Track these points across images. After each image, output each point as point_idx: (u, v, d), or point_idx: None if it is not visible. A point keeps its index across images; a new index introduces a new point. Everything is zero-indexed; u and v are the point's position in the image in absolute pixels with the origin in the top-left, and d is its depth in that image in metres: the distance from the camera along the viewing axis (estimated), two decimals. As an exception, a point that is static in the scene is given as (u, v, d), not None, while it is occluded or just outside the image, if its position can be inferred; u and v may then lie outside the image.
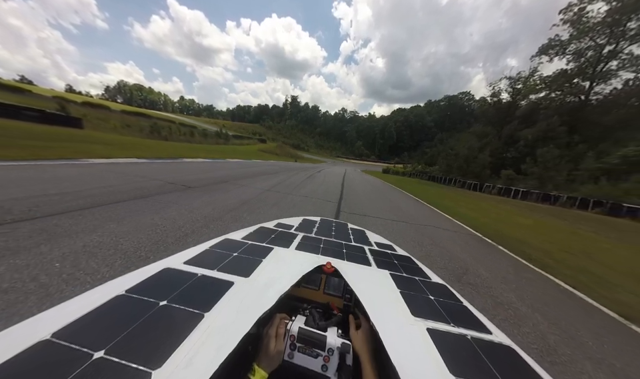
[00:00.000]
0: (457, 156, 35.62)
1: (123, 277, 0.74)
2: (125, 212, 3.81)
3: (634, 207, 14.38)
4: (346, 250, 1.34)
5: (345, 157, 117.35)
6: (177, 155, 14.35)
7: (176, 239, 3.19)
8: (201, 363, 0.49)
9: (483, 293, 3.16)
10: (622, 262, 5.61)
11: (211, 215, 4.41)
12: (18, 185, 4.38)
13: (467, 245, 5.38)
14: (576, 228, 9.99)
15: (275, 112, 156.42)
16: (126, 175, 6.73)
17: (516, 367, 0.65)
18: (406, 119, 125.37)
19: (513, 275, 4.02)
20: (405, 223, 6.57)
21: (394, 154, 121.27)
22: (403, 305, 0.85)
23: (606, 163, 21.01)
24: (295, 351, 0.68)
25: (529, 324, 2.60)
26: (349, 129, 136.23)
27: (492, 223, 8.49)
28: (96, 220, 3.31)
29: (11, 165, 5.84)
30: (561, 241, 6.98)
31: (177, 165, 10.76)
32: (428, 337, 0.69)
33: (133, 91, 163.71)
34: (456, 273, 3.67)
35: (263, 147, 51.50)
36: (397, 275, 1.11)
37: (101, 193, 4.56)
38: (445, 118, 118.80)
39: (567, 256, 5.50)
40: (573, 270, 4.55)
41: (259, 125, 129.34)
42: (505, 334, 0.78)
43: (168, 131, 28.57)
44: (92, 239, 2.77)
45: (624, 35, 28.94)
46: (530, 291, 3.49)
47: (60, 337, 0.50)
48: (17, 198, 3.65)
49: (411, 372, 0.56)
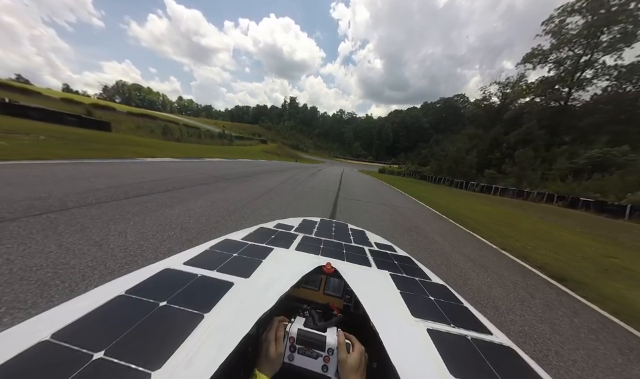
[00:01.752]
0: (446, 157, 38.14)
1: (123, 277, 0.76)
2: (200, 192, 6.15)
3: (588, 200, 16.94)
4: (346, 251, 1.37)
5: (343, 158, 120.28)
6: (199, 156, 16.70)
7: (241, 205, 5.55)
8: (201, 363, 0.49)
9: (420, 236, 5.56)
10: (534, 230, 8.06)
11: (254, 194, 6.81)
12: (125, 175, 6.68)
13: (426, 217, 7.83)
14: (525, 213, 12.53)
15: (273, 113, 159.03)
16: (178, 170, 9.05)
17: (516, 367, 0.66)
18: (402, 120, 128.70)
19: (447, 230, 6.44)
20: (385, 205, 8.99)
21: (391, 155, 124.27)
22: (403, 306, 0.85)
23: (575, 163, 23.68)
24: (295, 353, 0.68)
25: (444, 250, 5.00)
26: (347, 130, 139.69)
27: (455, 208, 10.98)
28: (191, 195, 5.67)
29: (103, 162, 8.15)
30: (499, 219, 9.46)
31: (204, 164, 13.09)
32: (428, 337, 0.70)
33: (131, 91, 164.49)
34: (408, 227, 6.07)
35: (265, 148, 54.45)
36: (397, 276, 1.12)
37: (177, 181, 6.89)
38: (441, 120, 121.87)
39: (493, 225, 7.97)
40: (490, 231, 6.98)
41: (258, 125, 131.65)
42: (505, 335, 0.80)
43: (179, 133, 30.78)
44: (201, 203, 5.13)
45: (597, 47, 31.73)
46: (452, 237, 5.90)
47: (60, 338, 0.50)
48: (131, 184, 5.98)
49: (411, 373, 0.56)
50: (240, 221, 4.30)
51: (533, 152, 27.26)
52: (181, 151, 16.94)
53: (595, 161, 22.31)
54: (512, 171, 27.22)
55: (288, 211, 5.66)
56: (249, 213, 4.90)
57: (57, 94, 64.04)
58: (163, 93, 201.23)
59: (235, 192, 6.65)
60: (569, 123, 33.12)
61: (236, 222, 4.23)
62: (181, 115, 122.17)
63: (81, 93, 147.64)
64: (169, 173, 7.95)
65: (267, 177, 11.47)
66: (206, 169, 10.51)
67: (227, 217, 4.39)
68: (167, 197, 4.96)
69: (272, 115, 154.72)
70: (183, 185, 6.40)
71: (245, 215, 4.71)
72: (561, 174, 23.51)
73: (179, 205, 4.57)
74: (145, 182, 6.02)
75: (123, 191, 4.81)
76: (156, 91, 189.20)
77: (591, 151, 23.31)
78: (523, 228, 8.29)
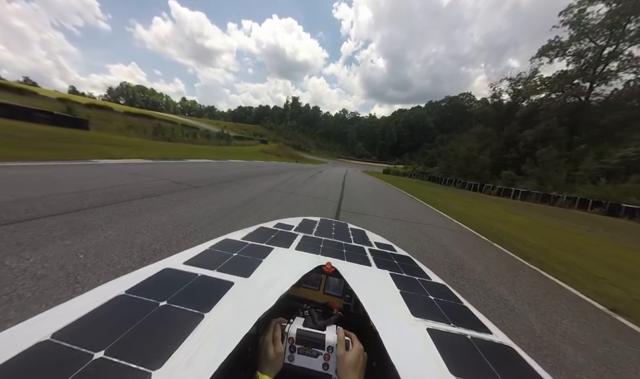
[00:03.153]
0: (456, 157, 35.80)
1: (123, 277, 0.75)
2: (130, 212, 4.11)
3: (632, 208, 14.55)
4: (346, 250, 1.35)
5: (346, 158, 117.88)
6: (183, 156, 14.72)
7: (184, 236, 3.49)
8: (201, 363, 0.49)
9: (479, 290, 3.44)
10: (617, 261, 5.85)
11: (222, 209, 4.75)
12: (43, 182, 4.70)
13: (460, 241, 5.67)
14: (571, 227, 10.26)
15: (276, 113, 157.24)
16: (135, 175, 7.05)
17: (516, 367, 0.65)
18: (407, 120, 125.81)
19: (503, 268, 4.30)
20: (403, 221, 6.85)
21: (394, 155, 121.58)
22: (403, 305, 0.85)
23: (606, 163, 21.19)
24: (295, 353, 0.67)
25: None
26: (350, 130, 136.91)
27: (484, 220, 8.81)
28: (106, 219, 3.62)
29: (38, 165, 6.21)
30: (552, 239, 7.25)
31: (180, 166, 11.05)
32: (428, 337, 0.70)
33: (135, 92, 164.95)
34: (449, 266, 3.96)
35: (265, 148, 51.83)
36: (397, 275, 1.11)
37: (108, 193, 4.88)
38: (446, 119, 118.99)
39: (557, 253, 5.76)
40: (561, 264, 4.81)
41: (260, 126, 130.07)
42: (505, 334, 0.78)
43: (171, 133, 28.97)
44: (108, 235, 3.08)
45: (623, 37, 29.10)
46: (523, 288, 3.76)
47: (60, 338, 0.50)
48: (26, 199, 3.97)
49: (411, 372, 0.56)
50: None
51: (557, 151, 24.75)
52: (163, 151, 14.96)
53: (630, 160, 19.83)
54: (533, 172, 24.78)
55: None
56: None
57: (55, 94, 63.29)
58: (168, 94, 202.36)
59: (192, 208, 4.59)
60: (588, 120, 30.54)
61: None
62: (184, 116, 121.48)
63: (87, 94, 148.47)
64: (116, 179, 5.94)
65: (255, 182, 9.39)
66: (174, 173, 8.43)
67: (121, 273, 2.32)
68: (56, 224, 2.93)
69: (274, 116, 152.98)
70: (115, 199, 4.35)
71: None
72: (591, 176, 21.04)
73: (51, 245, 2.50)
74: (56, 195, 4.02)
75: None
76: (159, 92, 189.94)
77: (624, 150, 20.81)
78: (597, 256, 5.99)
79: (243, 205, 5.54)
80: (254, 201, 6.23)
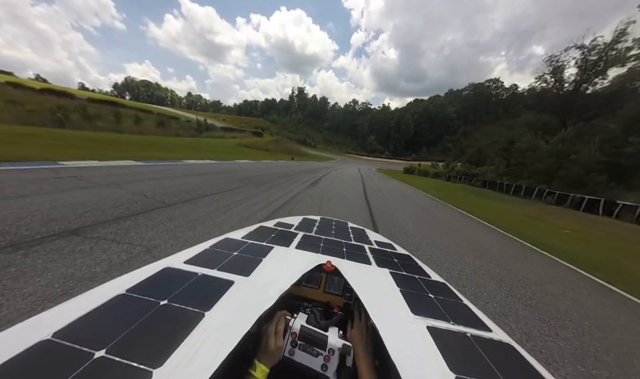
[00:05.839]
0: (535, 152, 24.47)
1: (124, 276, 0.74)
2: None
3: None
4: (346, 249, 1.34)
5: (356, 153, 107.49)
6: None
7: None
8: (202, 362, 0.49)
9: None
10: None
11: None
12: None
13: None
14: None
15: (281, 106, 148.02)
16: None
17: (516, 364, 0.65)
18: (425, 110, 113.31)
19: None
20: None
21: (411, 150, 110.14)
22: (403, 304, 0.85)
23: None
24: (296, 349, 0.69)
25: None
26: (361, 122, 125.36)
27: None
28: None
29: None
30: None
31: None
32: (428, 335, 0.70)
33: (140, 87, 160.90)
34: None
35: (247, 142, 40.75)
36: (397, 274, 1.11)
37: None
38: (469, 109, 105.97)
39: None
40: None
41: (263, 119, 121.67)
42: (504, 332, 0.78)
43: (116, 122, 20.66)
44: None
45: None
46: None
47: (61, 337, 0.50)
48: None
49: (411, 370, 0.56)
50: None
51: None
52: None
53: None
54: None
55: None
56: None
57: (44, 86, 56.84)
58: (180, 91, 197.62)
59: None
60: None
61: None
62: (182, 110, 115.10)
63: (104, 92, 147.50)
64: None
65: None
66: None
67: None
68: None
69: (280, 109, 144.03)
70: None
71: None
72: None
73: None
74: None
75: None
76: (165, 87, 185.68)
77: None
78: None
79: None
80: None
